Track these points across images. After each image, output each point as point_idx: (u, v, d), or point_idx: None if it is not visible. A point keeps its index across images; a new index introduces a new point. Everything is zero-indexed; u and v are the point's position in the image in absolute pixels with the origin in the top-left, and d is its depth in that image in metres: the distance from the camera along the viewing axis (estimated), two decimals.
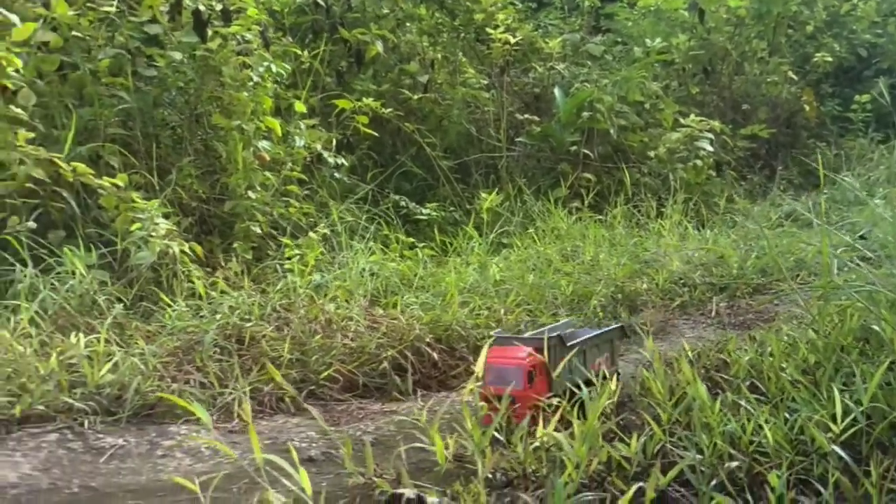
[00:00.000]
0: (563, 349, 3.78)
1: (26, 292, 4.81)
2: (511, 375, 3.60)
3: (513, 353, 3.69)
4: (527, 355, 3.65)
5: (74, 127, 5.85)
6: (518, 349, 3.71)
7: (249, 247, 6.33)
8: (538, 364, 3.64)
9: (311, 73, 7.98)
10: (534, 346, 3.70)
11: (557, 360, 3.68)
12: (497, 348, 3.78)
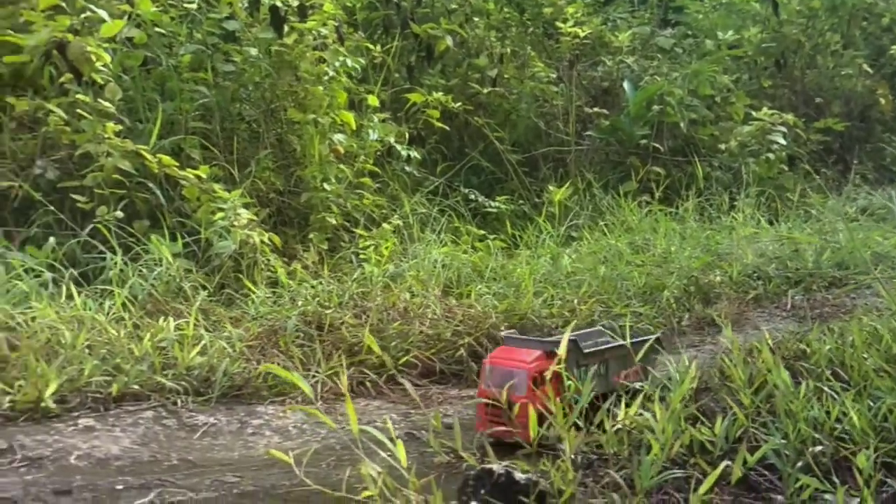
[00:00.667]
0: (579, 356, 3.57)
1: (116, 278, 5.00)
2: (514, 379, 3.42)
3: (520, 356, 3.53)
4: (534, 359, 3.47)
5: (160, 120, 6.05)
6: (527, 352, 3.54)
7: (325, 237, 6.47)
8: (547, 368, 3.38)
9: (383, 68, 8.10)
10: (545, 349, 3.52)
11: (571, 368, 3.44)
12: (505, 348, 3.64)
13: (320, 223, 6.55)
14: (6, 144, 5.86)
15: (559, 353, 3.27)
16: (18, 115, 5.95)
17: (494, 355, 3.60)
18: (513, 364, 3.48)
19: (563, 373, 3.34)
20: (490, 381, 3.49)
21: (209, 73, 6.77)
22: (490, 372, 3.52)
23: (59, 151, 5.95)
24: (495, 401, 3.33)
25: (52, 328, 4.21)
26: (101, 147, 5.68)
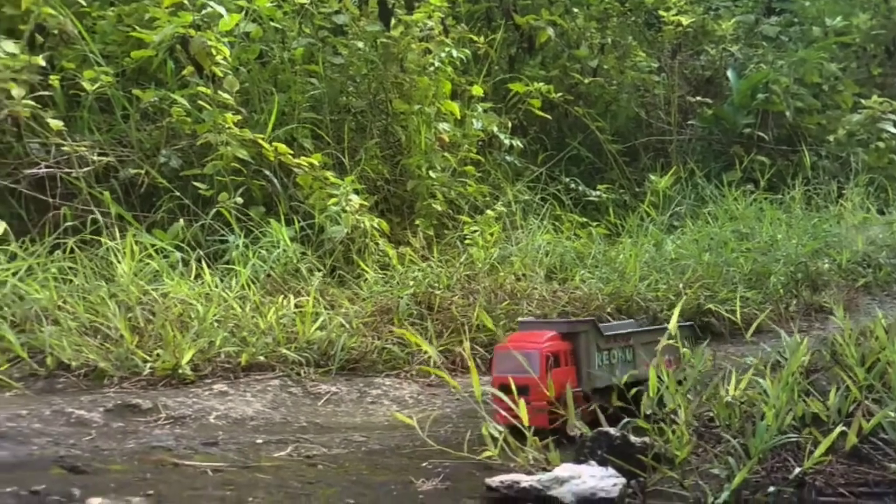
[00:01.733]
0: (599, 339, 3.33)
1: (239, 259, 5.28)
2: (526, 362, 3.16)
3: (532, 337, 3.29)
4: (547, 339, 3.22)
5: (276, 111, 6.32)
6: (540, 334, 3.28)
7: (431, 223, 6.65)
8: (562, 351, 3.22)
9: (485, 60, 8.23)
10: (560, 330, 3.28)
11: (590, 350, 3.26)
12: (518, 334, 3.43)
13: (426, 210, 6.73)
14: (133, 135, 6.21)
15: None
16: (144, 107, 6.31)
17: (506, 341, 3.37)
18: (525, 346, 3.22)
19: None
20: (502, 368, 3.25)
21: (320, 66, 7.04)
22: (501, 358, 3.27)
23: (181, 141, 6.29)
24: (507, 389, 3.07)
25: (184, 303, 4.49)
26: (220, 137, 5.98)
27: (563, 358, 3.21)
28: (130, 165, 6.05)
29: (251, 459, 2.76)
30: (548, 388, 3.12)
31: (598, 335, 3.31)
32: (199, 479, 2.53)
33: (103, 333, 4.24)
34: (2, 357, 3.88)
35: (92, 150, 5.89)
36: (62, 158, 5.76)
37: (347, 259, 5.92)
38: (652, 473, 2.64)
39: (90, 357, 3.96)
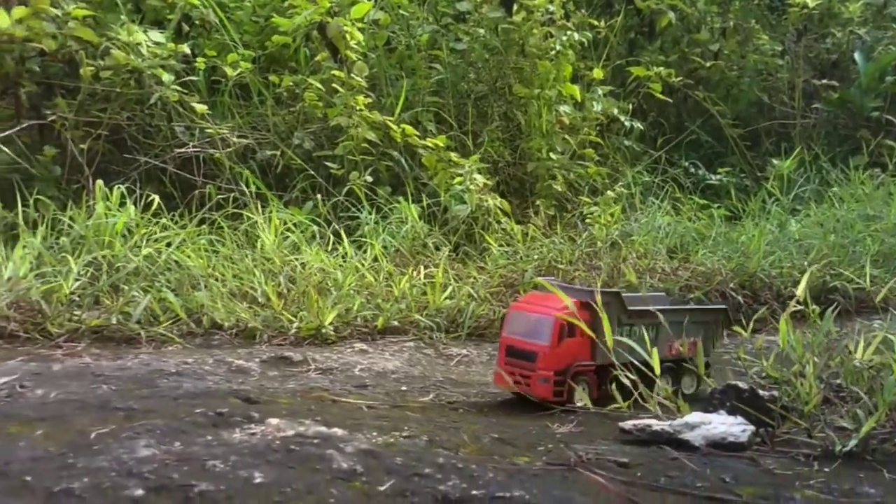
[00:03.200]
0: (622, 312, 3.15)
1: (370, 234, 5.56)
2: (538, 327, 3.04)
3: (548, 301, 3.11)
4: (564, 306, 3.03)
5: (403, 95, 6.59)
6: (558, 299, 3.07)
7: (551, 204, 6.80)
8: (581, 319, 3.03)
9: (605, 45, 8.31)
10: (581, 298, 3.10)
11: (611, 323, 3.03)
12: (535, 294, 3.29)
13: (546, 190, 6.88)
14: (269, 118, 6.58)
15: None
16: (279, 93, 6.68)
17: (520, 301, 3.29)
18: (539, 310, 3.08)
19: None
20: (512, 329, 3.13)
21: (444, 52, 7.27)
22: (514, 318, 3.14)
23: (313, 124, 6.62)
24: (515, 352, 3.07)
25: (323, 271, 4.79)
26: (351, 119, 6.28)
27: (578, 328, 3.03)
28: (267, 147, 6.42)
29: (399, 401, 2.99)
30: (557, 357, 3.01)
31: (621, 308, 3.14)
32: (357, 412, 2.78)
33: (250, 297, 4.58)
34: (164, 317, 4.23)
35: (232, 132, 6.28)
36: (205, 140, 6.17)
37: (470, 237, 6.14)
38: (781, 423, 2.74)
39: (241, 317, 4.28)
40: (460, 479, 2.02)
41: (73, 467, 1.96)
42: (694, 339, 3.32)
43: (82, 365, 3.29)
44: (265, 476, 1.94)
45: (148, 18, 6.71)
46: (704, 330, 3.38)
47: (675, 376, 3.31)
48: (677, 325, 3.24)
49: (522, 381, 3.07)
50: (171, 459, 2.02)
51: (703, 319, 3.40)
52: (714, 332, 3.47)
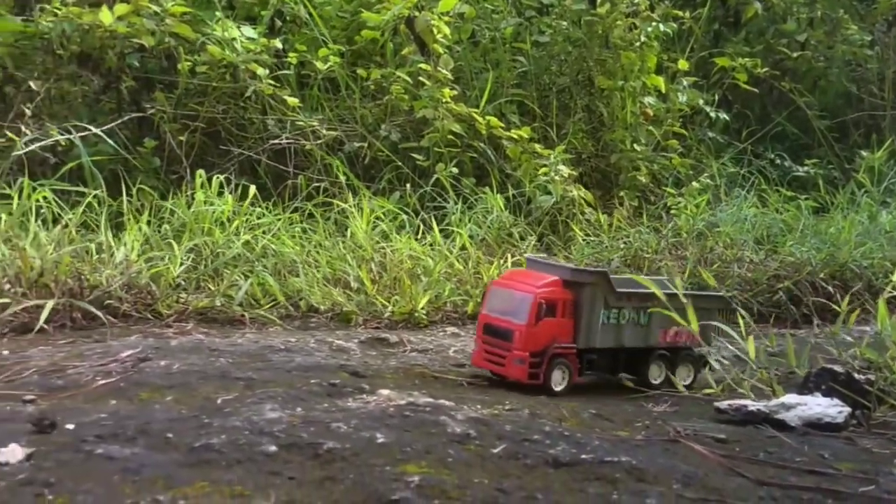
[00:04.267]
0: (609, 294, 2.98)
1: (456, 223, 5.68)
2: (516, 304, 2.91)
3: (529, 279, 3.00)
4: (545, 284, 2.92)
5: (489, 88, 6.69)
6: (541, 276, 2.99)
7: (635, 195, 6.83)
8: (561, 300, 2.92)
9: (690, 35, 8.27)
10: (565, 277, 2.97)
11: (595, 305, 2.95)
12: (518, 271, 3.23)
13: (630, 182, 6.91)
14: (357, 111, 6.74)
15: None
16: (366, 86, 6.84)
17: (502, 277, 3.19)
18: (520, 287, 2.95)
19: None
20: (491, 306, 3.01)
21: (528, 44, 7.35)
22: (493, 295, 3.02)
23: (399, 117, 6.77)
24: (492, 330, 2.98)
25: (412, 258, 4.93)
26: (436, 112, 6.41)
27: (560, 308, 2.91)
28: (355, 139, 6.59)
29: (496, 379, 3.09)
30: (533, 337, 2.89)
31: (608, 290, 2.98)
32: (458, 388, 2.90)
33: (343, 282, 4.74)
34: (264, 300, 4.42)
35: (322, 124, 6.46)
36: (296, 132, 6.36)
37: (554, 227, 6.22)
38: (877, 406, 2.76)
39: (337, 301, 4.45)
40: (568, 445, 2.12)
41: (208, 427, 2.12)
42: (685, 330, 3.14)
43: (196, 341, 3.48)
44: (386, 437, 2.06)
45: (240, 15, 6.94)
46: (706, 318, 3.16)
47: (670, 365, 3.17)
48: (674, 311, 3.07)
49: (498, 360, 2.96)
50: (297, 421, 2.16)
51: (704, 306, 3.18)
52: (714, 321, 3.26)
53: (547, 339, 2.90)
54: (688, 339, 3.15)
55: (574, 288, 2.94)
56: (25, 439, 2.04)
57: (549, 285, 2.92)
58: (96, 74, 6.40)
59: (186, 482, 1.78)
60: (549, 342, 2.90)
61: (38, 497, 1.69)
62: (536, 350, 2.89)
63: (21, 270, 4.01)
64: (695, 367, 3.23)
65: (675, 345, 3.16)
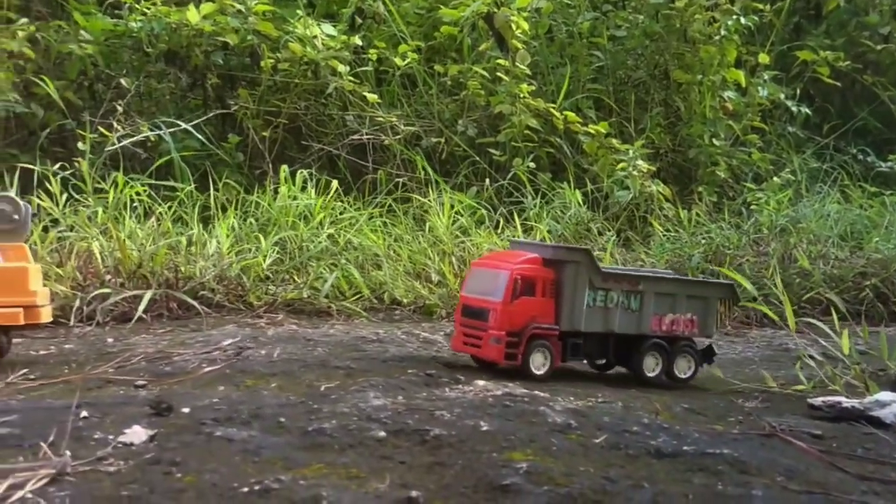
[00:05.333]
0: (594, 274, 2.85)
1: (534, 218, 5.71)
2: (492, 282, 2.80)
3: (508, 257, 2.92)
4: (523, 261, 2.82)
5: (567, 83, 6.70)
6: (520, 254, 2.91)
7: (714, 190, 6.77)
8: (541, 279, 2.80)
9: (770, 28, 8.15)
10: (545, 255, 2.87)
11: (577, 285, 2.82)
12: (500, 252, 3.10)
13: (709, 177, 6.86)
14: (434, 106, 6.81)
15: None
16: (442, 82, 6.90)
17: (482, 257, 3.07)
18: (495, 265, 2.85)
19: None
20: (469, 287, 2.92)
21: (604, 39, 7.33)
22: (472, 276, 2.95)
23: (476, 112, 6.82)
24: (469, 311, 2.86)
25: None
26: (513, 107, 6.44)
27: (540, 286, 2.80)
28: (432, 134, 6.66)
29: (581, 371, 3.12)
30: (509, 316, 2.77)
31: (593, 270, 2.84)
32: (550, 380, 2.93)
33: (425, 275, 4.81)
34: (349, 292, 4.52)
35: (400, 120, 6.55)
36: (375, 128, 6.46)
37: (631, 222, 6.20)
38: None
39: (420, 294, 4.52)
40: (669, 437, 2.15)
41: (318, 412, 2.20)
42: (692, 317, 3.04)
43: (290, 331, 3.59)
44: (489, 425, 2.12)
45: (319, 12, 7.07)
46: (705, 307, 3.05)
47: (666, 356, 3.02)
48: (668, 297, 2.97)
49: (475, 342, 2.86)
50: (401, 409, 2.23)
51: (703, 294, 3.06)
52: (717, 311, 3.15)
53: (525, 319, 2.80)
54: (686, 328, 3.02)
55: (555, 267, 2.83)
56: (145, 421, 2.15)
57: (528, 262, 2.84)
58: (183, 72, 6.60)
59: (303, 464, 1.86)
60: (527, 322, 2.80)
61: (167, 475, 1.79)
62: (514, 329, 2.79)
63: (120, 262, 4.17)
64: (695, 360, 3.08)
65: (671, 334, 3.01)
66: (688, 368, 3.10)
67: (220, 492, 1.70)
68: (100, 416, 2.20)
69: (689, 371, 3.10)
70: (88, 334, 3.59)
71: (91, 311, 3.83)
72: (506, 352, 2.78)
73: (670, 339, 3.01)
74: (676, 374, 3.07)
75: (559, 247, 2.92)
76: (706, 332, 3.09)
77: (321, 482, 1.75)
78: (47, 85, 5.68)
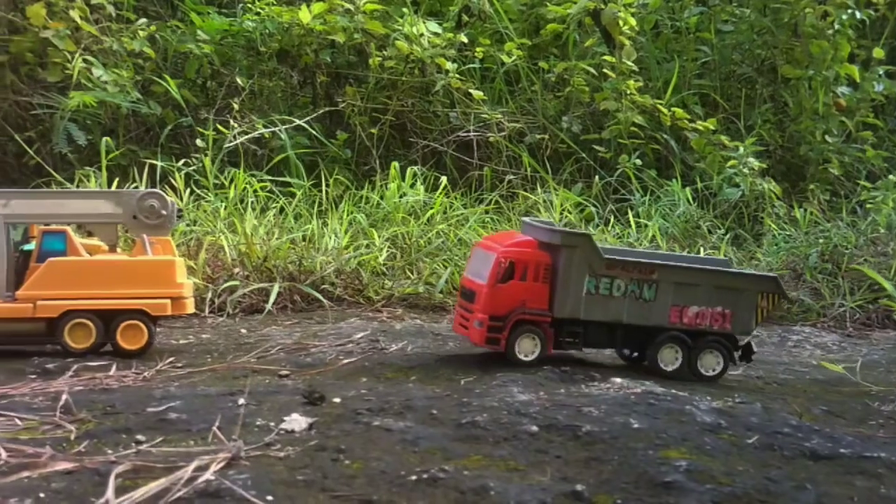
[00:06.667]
0: (595, 260, 2.69)
1: (642, 215, 5.68)
2: (484, 264, 2.69)
3: (506, 239, 2.80)
4: (514, 244, 2.71)
5: (675, 78, 6.63)
6: (515, 236, 2.81)
7: (826, 188, 6.61)
8: (534, 263, 2.66)
9: (884, 22, 7.90)
10: (540, 238, 2.73)
11: (573, 271, 2.66)
12: (504, 233, 3.01)
13: (821, 174, 6.70)
14: (539, 103, 6.82)
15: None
16: (546, 78, 6.91)
17: (485, 238, 3.00)
18: (490, 247, 2.75)
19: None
20: (469, 268, 2.83)
21: (711, 34, 7.22)
22: (472, 257, 2.86)
23: (580, 109, 6.81)
24: (465, 292, 2.78)
25: None
26: (618, 104, 6.41)
27: (532, 271, 2.67)
28: (536, 131, 6.67)
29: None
30: (494, 299, 2.66)
31: (594, 255, 2.69)
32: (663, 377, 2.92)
33: None
34: None
35: (504, 117, 6.58)
36: (479, 124, 6.50)
37: (741, 221, 6.11)
38: None
39: None
40: (822, 439, 2.14)
41: (467, 405, 2.26)
42: (723, 310, 2.83)
43: (417, 325, 3.67)
44: (640, 423, 2.14)
45: (423, 10, 7.14)
46: (740, 301, 2.84)
47: (687, 350, 2.83)
48: (691, 287, 2.77)
49: (466, 324, 2.77)
50: (547, 404, 2.27)
51: (736, 286, 2.83)
52: (757, 306, 2.89)
53: (512, 303, 2.70)
54: (714, 322, 2.83)
55: (552, 251, 2.71)
56: (301, 410, 2.24)
57: (519, 245, 2.74)
58: (294, 70, 6.76)
59: (462, 455, 1.92)
60: (514, 306, 2.69)
61: (335, 462, 1.87)
62: (498, 314, 2.69)
63: (246, 255, 4.32)
64: (725, 357, 2.89)
65: (695, 328, 2.83)
66: (716, 365, 2.91)
67: (389, 479, 1.77)
68: (256, 404, 2.30)
69: (717, 368, 2.91)
70: (221, 325, 3.73)
71: (221, 303, 3.97)
72: (487, 336, 2.69)
73: (694, 332, 2.83)
74: (700, 370, 2.89)
75: (556, 230, 2.74)
76: (743, 328, 2.89)
77: (484, 473, 1.80)
78: (168, 84, 5.89)
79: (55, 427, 2.14)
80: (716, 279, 2.80)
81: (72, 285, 2.95)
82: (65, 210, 3.09)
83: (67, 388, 2.47)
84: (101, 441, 2.02)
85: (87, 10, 5.99)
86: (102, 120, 5.97)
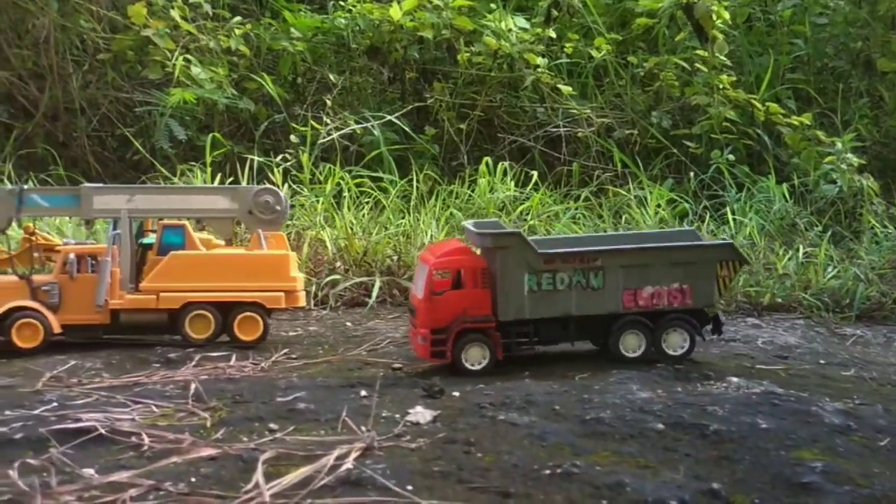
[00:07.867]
0: (531, 257, 2.62)
1: (740, 212, 5.60)
2: (421, 278, 2.61)
3: (439, 248, 2.73)
4: (446, 253, 2.65)
5: (770, 73, 6.51)
6: (450, 244, 2.74)
7: None
8: (469, 269, 2.61)
9: None
10: (474, 244, 2.65)
11: (511, 271, 2.59)
12: (443, 242, 3.00)
13: None
14: (630, 98, 6.77)
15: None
16: (635, 73, 6.84)
17: (425, 249, 2.92)
18: (425, 259, 2.70)
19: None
20: (414, 281, 2.77)
21: (806, 27, 7.07)
22: (416, 270, 2.78)
23: (670, 104, 6.73)
24: (411, 308, 2.72)
25: None
26: (710, 98, 6.31)
27: (469, 277, 2.62)
28: (625, 126, 6.62)
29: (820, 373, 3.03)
30: (432, 312, 2.59)
31: (529, 252, 2.63)
32: (798, 377, 2.88)
33: None
34: None
35: (593, 112, 6.55)
36: (567, 119, 6.48)
37: (837, 218, 5.97)
38: None
39: None
40: None
41: (589, 402, 2.28)
42: (681, 286, 2.73)
43: None
44: (767, 423, 2.13)
45: (511, 5, 7.15)
46: (698, 273, 2.74)
47: (650, 332, 2.75)
48: (638, 268, 2.68)
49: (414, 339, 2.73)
50: (669, 402, 2.27)
51: (691, 259, 2.75)
52: (717, 276, 2.79)
53: (451, 313, 2.63)
54: (673, 300, 2.73)
55: (488, 254, 2.66)
56: (423, 402, 2.28)
57: (451, 254, 2.65)
58: (384, 67, 6.84)
59: (591, 451, 1.94)
60: (454, 316, 2.63)
61: (467, 454, 1.90)
62: (439, 326, 2.63)
63: (345, 250, 4.40)
64: (691, 334, 2.81)
65: (652, 308, 2.74)
66: (683, 342, 2.83)
67: (523, 472, 1.80)
68: (378, 396, 2.35)
69: (685, 345, 2.84)
70: (325, 317, 3.82)
71: (324, 296, 4.06)
72: (432, 350, 2.65)
73: (653, 313, 2.75)
74: (666, 350, 2.81)
75: (485, 233, 2.64)
76: (705, 300, 2.79)
77: (616, 469, 1.82)
78: (265, 81, 6.02)
79: (189, 414, 2.22)
80: (668, 256, 2.72)
81: (192, 278, 3.06)
82: (185, 205, 3.20)
83: (194, 377, 2.56)
84: (236, 429, 2.09)
85: (187, 10, 6.16)
86: (199, 115, 6.13)
